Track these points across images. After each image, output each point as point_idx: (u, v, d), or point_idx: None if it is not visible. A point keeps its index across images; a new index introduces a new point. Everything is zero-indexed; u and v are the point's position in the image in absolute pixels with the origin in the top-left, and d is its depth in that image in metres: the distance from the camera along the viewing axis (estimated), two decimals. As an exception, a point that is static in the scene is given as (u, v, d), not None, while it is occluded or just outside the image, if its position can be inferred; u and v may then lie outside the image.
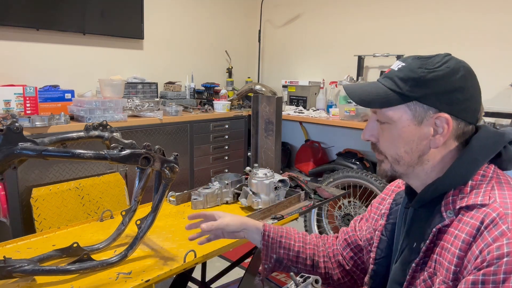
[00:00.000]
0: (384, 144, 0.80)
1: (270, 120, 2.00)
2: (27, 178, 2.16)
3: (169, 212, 1.55)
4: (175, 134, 2.88)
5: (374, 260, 0.90)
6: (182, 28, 3.58)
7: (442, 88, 0.72)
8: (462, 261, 0.66)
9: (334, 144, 3.59)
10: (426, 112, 0.74)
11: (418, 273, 0.74)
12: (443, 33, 2.89)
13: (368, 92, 0.78)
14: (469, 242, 0.66)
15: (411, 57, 0.77)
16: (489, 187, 0.71)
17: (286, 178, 1.71)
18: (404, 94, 0.74)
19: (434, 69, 0.73)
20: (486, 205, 0.68)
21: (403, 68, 0.76)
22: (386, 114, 0.77)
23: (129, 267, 1.10)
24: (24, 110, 2.30)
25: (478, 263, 0.63)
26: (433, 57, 0.75)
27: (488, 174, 0.72)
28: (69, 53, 2.88)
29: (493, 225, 0.64)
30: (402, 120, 0.75)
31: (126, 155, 1.00)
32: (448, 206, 0.72)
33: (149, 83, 3.17)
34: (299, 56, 3.89)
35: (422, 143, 0.75)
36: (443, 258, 0.70)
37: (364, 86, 0.80)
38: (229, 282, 2.28)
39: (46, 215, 1.97)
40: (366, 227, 0.99)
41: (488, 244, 0.63)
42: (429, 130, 0.74)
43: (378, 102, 0.76)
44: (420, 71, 0.73)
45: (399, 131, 0.76)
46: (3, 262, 0.96)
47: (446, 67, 0.73)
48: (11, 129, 0.90)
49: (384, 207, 0.95)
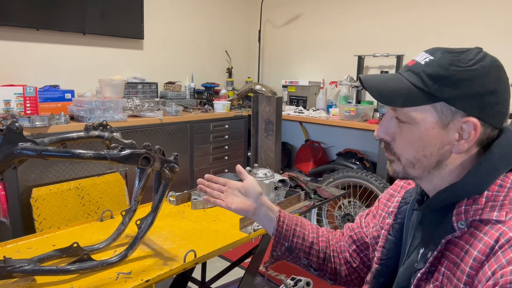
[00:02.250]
0: (401, 145, 0.72)
1: (270, 120, 2.00)
2: (27, 178, 2.16)
3: (169, 212, 1.55)
4: (175, 134, 2.88)
5: (379, 260, 0.86)
6: (182, 28, 3.58)
7: (474, 90, 0.65)
8: (472, 280, 0.62)
9: (334, 144, 3.58)
10: (453, 115, 0.66)
11: (423, 282, 0.70)
12: (444, 33, 2.89)
13: (390, 87, 0.69)
14: (481, 260, 0.61)
15: (440, 50, 0.68)
16: (506, 200, 0.64)
17: (286, 178, 1.71)
18: (432, 93, 0.66)
19: (468, 68, 0.65)
20: (502, 222, 0.62)
21: (431, 62, 0.67)
22: (408, 114, 0.69)
23: (129, 267, 1.10)
24: (24, 110, 2.30)
25: (490, 286, 0.58)
26: (465, 52, 0.67)
27: (506, 184, 0.66)
28: (69, 53, 2.88)
29: (508, 246, 0.59)
30: (426, 121, 0.68)
31: (126, 155, 1.00)
32: (460, 216, 0.66)
33: (149, 83, 3.17)
34: (299, 56, 3.89)
35: (444, 148, 0.68)
36: (451, 273, 0.65)
37: (385, 79, 0.71)
38: (229, 282, 2.28)
39: (46, 215, 1.97)
40: (374, 224, 0.95)
41: (502, 266, 0.58)
42: (454, 135, 0.67)
43: (401, 99, 0.68)
44: (452, 69, 0.65)
45: (421, 133, 0.68)
46: (3, 262, 0.96)
47: (481, 66, 0.65)
48: (11, 129, 0.90)
49: (392, 205, 0.90)
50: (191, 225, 1.43)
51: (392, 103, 0.70)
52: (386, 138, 0.74)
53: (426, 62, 0.68)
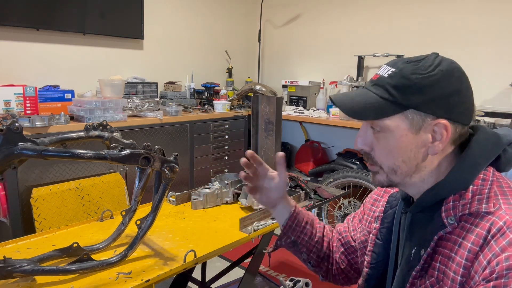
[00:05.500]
0: (379, 154, 0.75)
1: (270, 120, 1.99)
2: (27, 178, 2.16)
3: (169, 212, 1.55)
4: (175, 134, 2.88)
5: (369, 263, 0.88)
6: (182, 28, 3.58)
7: (438, 93, 0.68)
8: (468, 271, 0.64)
9: (334, 144, 3.59)
10: (423, 119, 0.70)
11: (418, 280, 0.72)
12: (444, 33, 2.89)
13: (360, 103, 0.72)
14: (475, 251, 0.64)
15: (400, 61, 0.72)
16: (491, 192, 0.68)
17: (286, 178, 1.71)
18: (399, 102, 0.69)
19: (428, 74, 0.68)
20: (491, 212, 0.65)
21: (394, 74, 0.70)
22: (382, 123, 0.72)
23: (129, 267, 1.10)
24: (24, 110, 2.30)
25: (487, 274, 0.60)
26: (423, 59, 0.70)
27: (488, 177, 0.70)
28: (69, 53, 2.88)
29: (500, 234, 0.62)
30: (399, 129, 0.71)
31: (126, 155, 1.00)
32: (449, 212, 0.69)
33: (149, 83, 3.17)
34: (299, 56, 3.89)
35: (420, 151, 0.72)
36: (447, 268, 0.68)
37: (354, 96, 0.75)
38: (229, 282, 2.28)
39: (46, 215, 1.97)
40: (360, 229, 0.97)
41: (497, 254, 0.60)
42: (427, 137, 0.70)
43: (372, 113, 0.71)
44: (414, 77, 0.68)
45: (397, 140, 0.71)
46: (3, 262, 0.96)
47: (440, 70, 0.69)
48: (11, 129, 0.90)
49: (378, 209, 0.92)
50: (191, 225, 1.43)
51: (365, 118, 0.73)
52: (365, 149, 0.77)
53: (389, 74, 0.71)
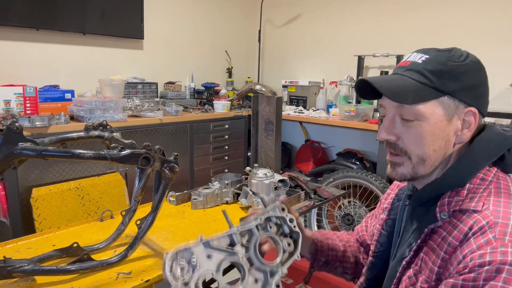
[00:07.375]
0: (409, 143, 0.73)
1: (270, 120, 1.99)
2: (27, 178, 2.16)
3: (169, 212, 1.55)
4: (175, 134, 2.88)
5: (374, 252, 0.91)
6: (182, 28, 3.58)
7: (471, 82, 0.70)
8: (445, 263, 0.66)
9: (334, 144, 3.59)
10: (457, 106, 0.71)
11: (406, 270, 0.75)
12: (443, 33, 2.89)
13: (398, 86, 0.71)
14: (455, 246, 0.66)
15: (432, 49, 0.73)
16: (486, 192, 0.69)
17: (286, 178, 1.71)
18: (437, 88, 0.70)
19: (463, 63, 0.70)
20: (478, 211, 0.66)
21: (428, 60, 0.71)
22: (416, 110, 0.70)
23: (129, 267, 1.10)
24: (24, 110, 2.30)
25: (460, 268, 0.62)
26: (452, 50, 0.72)
27: (488, 178, 0.70)
28: (69, 53, 2.88)
29: (480, 233, 0.63)
30: (434, 115, 0.70)
31: (126, 155, 1.00)
32: (443, 208, 0.71)
33: (149, 83, 3.17)
34: (299, 56, 3.89)
35: (451, 140, 0.72)
36: (428, 258, 0.70)
37: (391, 79, 0.74)
38: (229, 282, 2.28)
39: (46, 215, 1.97)
40: (374, 224, 1.00)
41: (472, 251, 0.62)
42: (458, 125, 0.72)
43: (411, 96, 0.70)
44: (450, 64, 0.70)
45: (431, 126, 0.71)
46: (3, 262, 0.96)
47: (471, 60, 0.71)
48: (11, 129, 0.90)
49: (387, 202, 0.95)
50: (191, 225, 1.43)
51: (403, 100, 0.71)
52: (391, 139, 0.75)
53: (423, 60, 0.72)
